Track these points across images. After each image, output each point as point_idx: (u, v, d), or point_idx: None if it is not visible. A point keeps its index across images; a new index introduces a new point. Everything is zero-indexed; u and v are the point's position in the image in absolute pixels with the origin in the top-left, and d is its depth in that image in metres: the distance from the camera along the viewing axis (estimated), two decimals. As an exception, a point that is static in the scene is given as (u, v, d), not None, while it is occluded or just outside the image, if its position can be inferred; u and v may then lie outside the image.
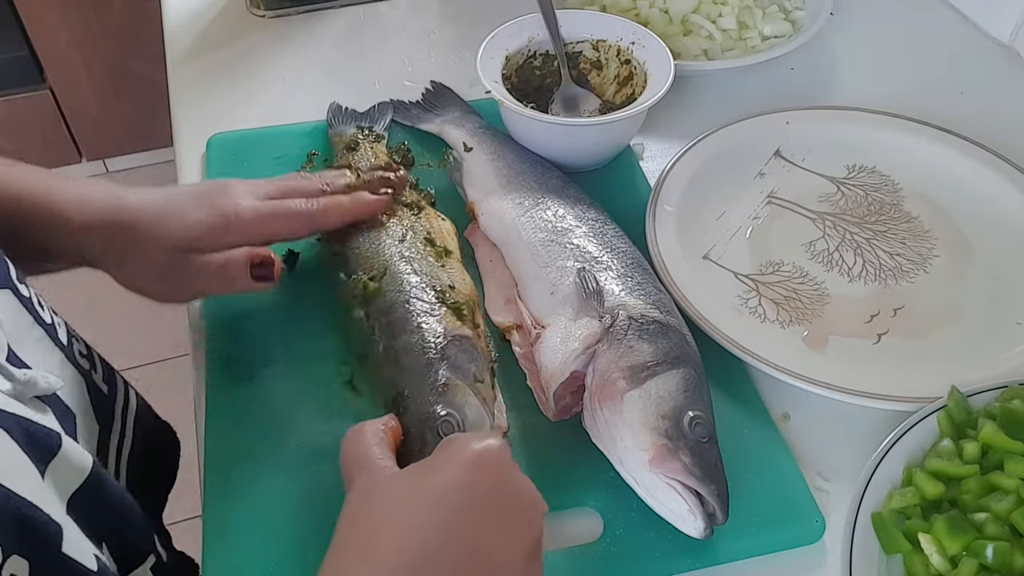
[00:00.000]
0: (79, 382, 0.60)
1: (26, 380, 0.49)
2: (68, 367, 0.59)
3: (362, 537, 0.46)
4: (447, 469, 0.47)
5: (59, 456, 0.48)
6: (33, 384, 0.50)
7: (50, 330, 0.58)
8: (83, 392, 0.60)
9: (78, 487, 0.50)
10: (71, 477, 0.49)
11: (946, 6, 1.03)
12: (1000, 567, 0.50)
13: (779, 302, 0.70)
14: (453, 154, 0.80)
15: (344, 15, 1.03)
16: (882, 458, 0.57)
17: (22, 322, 0.55)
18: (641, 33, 0.82)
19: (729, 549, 0.56)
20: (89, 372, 0.62)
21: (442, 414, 0.56)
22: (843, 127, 0.83)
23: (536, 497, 0.48)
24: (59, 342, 0.59)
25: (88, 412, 0.60)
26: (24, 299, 0.56)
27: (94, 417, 0.61)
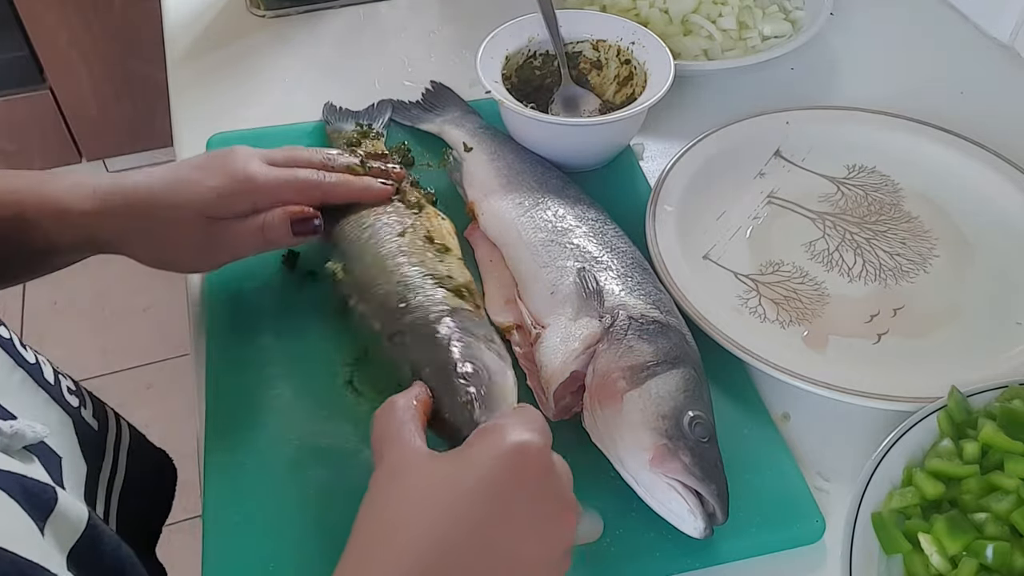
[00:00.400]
0: (66, 422, 0.58)
1: (12, 433, 0.48)
2: (54, 407, 0.57)
3: (384, 519, 0.45)
4: (481, 461, 0.46)
5: (56, 511, 0.47)
6: (21, 436, 0.49)
7: (33, 370, 0.56)
8: (71, 432, 0.58)
9: (76, 541, 0.48)
10: (69, 532, 0.48)
11: (946, 6, 1.03)
12: (1000, 567, 0.50)
13: (779, 302, 0.70)
14: (453, 154, 0.80)
15: (344, 15, 1.03)
16: (882, 458, 0.57)
17: (2, 367, 0.54)
18: (641, 33, 0.82)
19: (729, 549, 0.56)
20: (78, 410, 0.60)
21: (464, 367, 0.56)
22: (843, 127, 0.83)
23: (571, 500, 0.47)
24: (43, 382, 0.57)
25: (76, 452, 0.58)
26: (3, 340, 0.55)
27: (82, 456, 0.59)
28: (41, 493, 0.46)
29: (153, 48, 1.26)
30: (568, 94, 0.83)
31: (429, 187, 0.77)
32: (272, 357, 0.66)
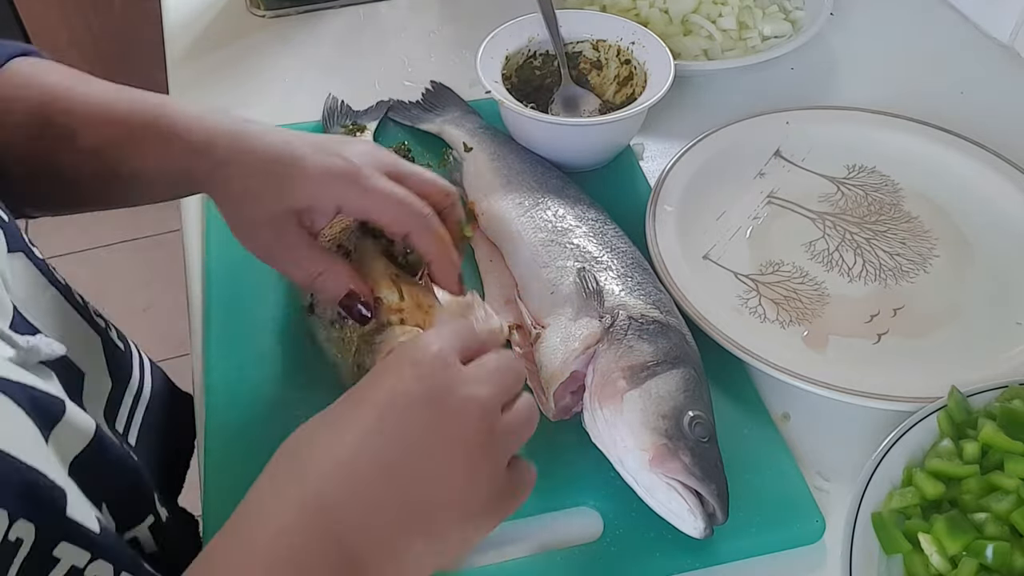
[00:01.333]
0: (94, 340, 0.62)
1: (29, 347, 0.50)
2: (84, 326, 0.61)
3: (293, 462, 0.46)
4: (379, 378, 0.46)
5: (62, 422, 0.49)
6: (36, 351, 0.51)
7: (64, 290, 0.60)
8: (99, 350, 0.62)
9: (80, 451, 0.51)
10: (74, 442, 0.51)
11: (946, 6, 1.03)
12: (1000, 567, 0.50)
13: (779, 302, 0.70)
14: (453, 154, 0.80)
15: (344, 15, 1.03)
16: (882, 458, 0.57)
17: (35, 285, 0.57)
18: (641, 33, 0.82)
19: (729, 549, 0.56)
20: (106, 330, 0.64)
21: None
22: (843, 127, 0.83)
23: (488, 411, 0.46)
24: (74, 301, 0.61)
25: (102, 370, 0.62)
26: (38, 261, 0.58)
27: (108, 374, 0.62)
28: (49, 405, 0.48)
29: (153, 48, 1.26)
30: (568, 94, 0.83)
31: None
32: (273, 357, 0.66)
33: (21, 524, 0.43)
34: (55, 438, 0.48)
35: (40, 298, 0.57)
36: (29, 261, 0.56)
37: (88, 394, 0.58)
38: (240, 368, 0.65)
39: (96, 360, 0.61)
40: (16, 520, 0.43)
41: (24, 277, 0.56)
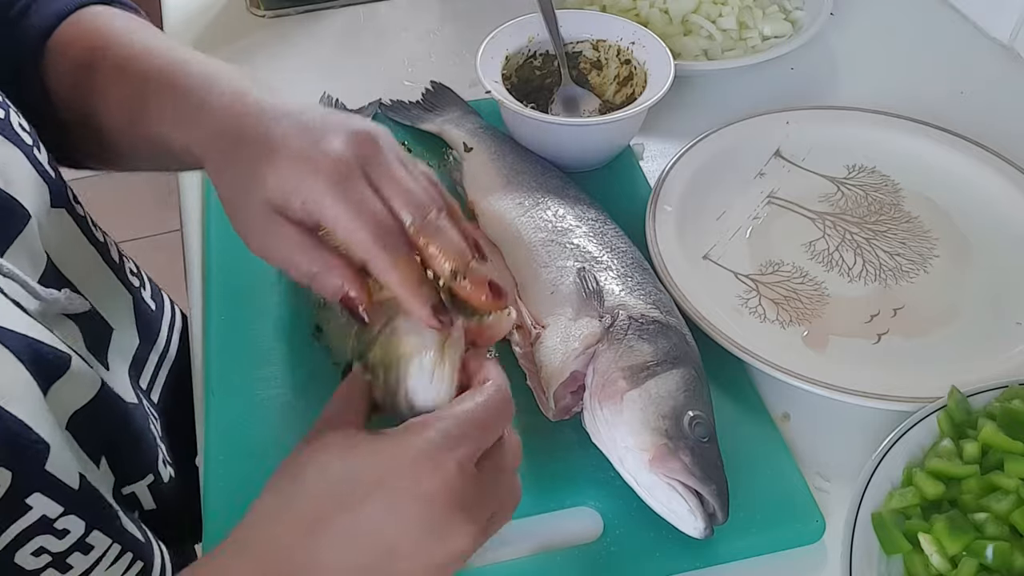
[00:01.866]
0: (126, 298, 0.64)
1: (51, 299, 0.52)
2: (116, 284, 0.64)
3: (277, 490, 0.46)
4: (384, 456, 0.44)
5: (66, 376, 0.51)
6: (57, 303, 0.53)
7: (101, 248, 0.62)
8: (129, 308, 0.64)
9: (82, 405, 0.53)
10: (76, 396, 0.52)
11: (946, 6, 1.03)
12: (1000, 567, 0.50)
13: (779, 302, 0.70)
14: (453, 154, 0.80)
15: (344, 15, 1.03)
16: (882, 458, 0.57)
17: (73, 240, 0.59)
18: (641, 33, 0.82)
19: (729, 549, 0.56)
20: (139, 289, 0.67)
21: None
22: (843, 127, 0.83)
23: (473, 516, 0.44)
24: (110, 260, 0.63)
25: (130, 327, 0.65)
26: (78, 217, 0.60)
27: (136, 332, 0.65)
28: (54, 359, 0.50)
29: (153, 48, 1.26)
30: (568, 94, 0.83)
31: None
32: (273, 357, 0.66)
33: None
34: (55, 391, 0.50)
35: (77, 252, 0.59)
36: (70, 217, 0.58)
37: (114, 348, 0.61)
38: (241, 368, 0.65)
39: (125, 317, 0.64)
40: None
41: (63, 231, 0.58)
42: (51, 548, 0.50)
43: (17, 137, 0.54)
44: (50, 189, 0.55)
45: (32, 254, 0.53)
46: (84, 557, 0.52)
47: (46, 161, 0.56)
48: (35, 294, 0.51)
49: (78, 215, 0.59)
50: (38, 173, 0.55)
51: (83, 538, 0.52)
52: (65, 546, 0.51)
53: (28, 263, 0.53)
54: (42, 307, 0.52)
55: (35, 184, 0.54)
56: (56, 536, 0.50)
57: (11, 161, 0.53)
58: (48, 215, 0.55)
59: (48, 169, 0.56)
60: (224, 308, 0.69)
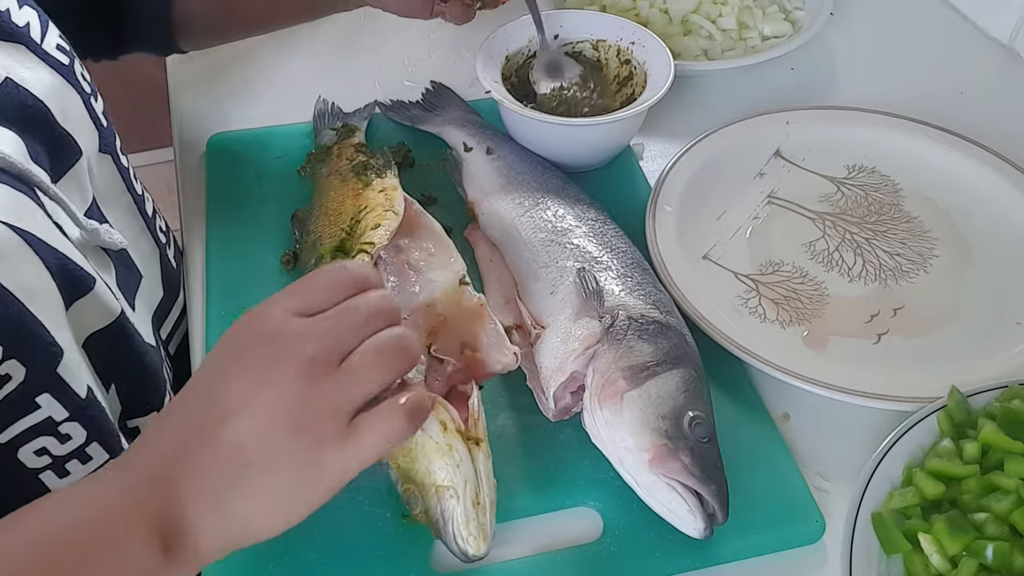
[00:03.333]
0: (153, 251, 0.69)
1: (92, 229, 0.56)
2: (146, 235, 0.68)
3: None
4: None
5: (89, 296, 0.54)
6: (96, 234, 0.57)
7: (139, 199, 0.67)
8: (156, 261, 0.69)
9: (99, 329, 0.56)
10: (94, 318, 0.56)
11: (946, 6, 1.03)
12: (1000, 567, 0.50)
13: (779, 302, 0.70)
14: (453, 154, 0.80)
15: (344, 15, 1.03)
16: (882, 458, 0.57)
17: (115, 187, 0.64)
18: (641, 33, 0.82)
19: (729, 549, 0.56)
20: (165, 246, 0.71)
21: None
22: (843, 127, 0.83)
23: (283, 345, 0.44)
24: (144, 212, 0.68)
25: (157, 279, 0.69)
26: (122, 168, 0.65)
27: (161, 284, 0.69)
28: (78, 278, 0.54)
29: (153, 48, 1.26)
30: (548, 59, 0.82)
31: (429, 187, 0.77)
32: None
33: (13, 363, 0.48)
34: (76, 309, 0.54)
35: (117, 199, 0.64)
36: (114, 165, 0.64)
37: (142, 295, 0.65)
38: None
39: (153, 268, 0.68)
40: (9, 358, 0.48)
41: (107, 177, 0.63)
42: (53, 450, 0.53)
43: (79, 84, 0.61)
44: (100, 135, 0.62)
45: (81, 188, 0.59)
46: (82, 466, 0.55)
47: (101, 111, 0.63)
48: (78, 222, 0.56)
49: (122, 165, 0.65)
50: (92, 119, 0.61)
51: (83, 447, 0.55)
52: (66, 451, 0.54)
53: (78, 195, 0.58)
54: (83, 236, 0.56)
55: (88, 127, 0.60)
56: (59, 440, 0.53)
57: (71, 103, 0.59)
58: (97, 158, 0.61)
59: (101, 118, 0.62)
60: (224, 307, 0.69)
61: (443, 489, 0.51)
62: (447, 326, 0.61)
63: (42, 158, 0.56)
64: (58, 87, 0.58)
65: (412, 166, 0.80)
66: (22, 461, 0.52)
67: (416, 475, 0.52)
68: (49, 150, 0.57)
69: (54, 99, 0.57)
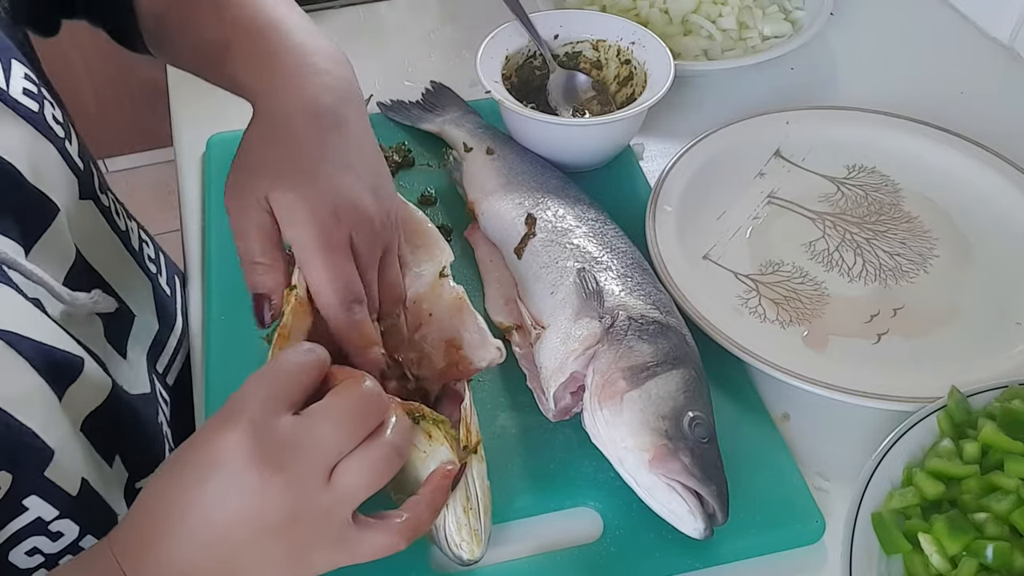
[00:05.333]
0: (145, 285, 0.67)
1: (77, 304, 0.54)
2: (136, 272, 0.66)
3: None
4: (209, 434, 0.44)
5: (79, 381, 0.52)
6: (83, 308, 0.55)
7: (124, 236, 0.65)
8: (149, 294, 0.67)
9: (96, 407, 0.54)
10: (89, 399, 0.54)
11: (946, 6, 1.03)
12: (1000, 567, 0.50)
13: (779, 302, 0.70)
14: (453, 154, 0.80)
15: (344, 15, 1.03)
16: (882, 458, 0.57)
17: (99, 230, 0.61)
18: (641, 33, 0.82)
19: (729, 549, 0.56)
20: (156, 276, 0.69)
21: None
22: (843, 127, 0.83)
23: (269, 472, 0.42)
24: (131, 248, 0.66)
25: (151, 312, 0.67)
26: (103, 208, 0.62)
27: (156, 317, 0.68)
28: (67, 366, 0.51)
29: (153, 48, 1.26)
30: (559, 81, 0.83)
31: (429, 187, 0.77)
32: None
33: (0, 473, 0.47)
34: (70, 396, 0.51)
35: (102, 243, 0.61)
36: (96, 208, 0.61)
37: (135, 335, 0.63)
38: (241, 368, 0.65)
39: (146, 303, 0.66)
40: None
41: (89, 223, 0.60)
42: (44, 549, 0.51)
43: (51, 131, 0.55)
44: (79, 181, 0.57)
45: (61, 248, 0.55)
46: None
47: (76, 152, 0.58)
48: (60, 298, 0.52)
49: (103, 206, 0.61)
50: (68, 166, 0.56)
51: (76, 541, 0.53)
52: (58, 548, 0.52)
53: (57, 258, 0.54)
54: (67, 310, 0.53)
55: (65, 177, 0.56)
56: (50, 538, 0.51)
57: (43, 156, 0.54)
58: (77, 207, 0.57)
59: (78, 161, 0.58)
60: (224, 307, 0.69)
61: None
62: (432, 323, 0.60)
63: (11, 228, 0.51)
64: (28, 140, 0.53)
65: (412, 166, 0.80)
66: (13, 563, 0.50)
67: (406, 486, 0.51)
68: (19, 216, 0.52)
69: (23, 156, 0.52)
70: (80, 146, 0.59)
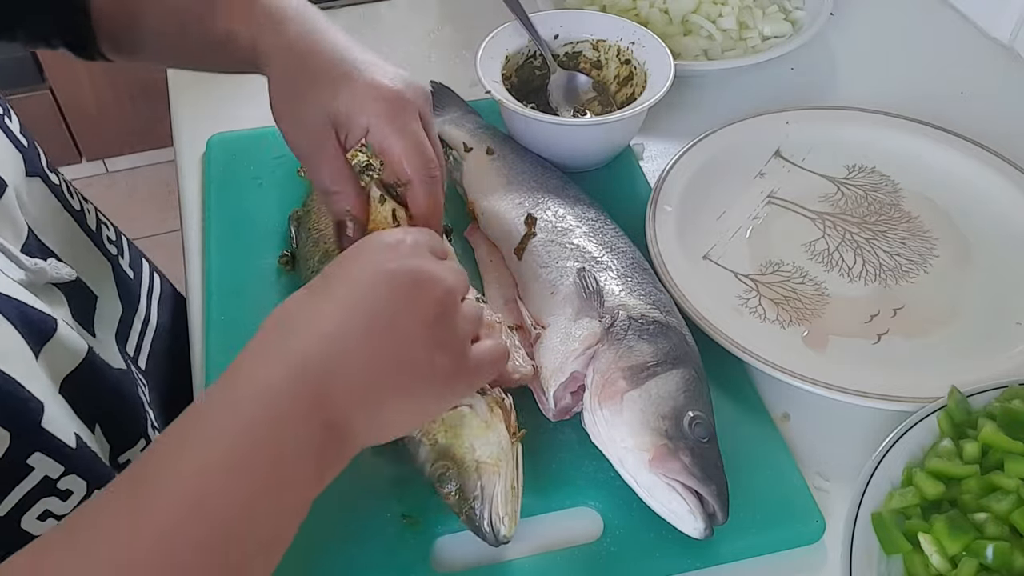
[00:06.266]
0: (104, 265, 0.66)
1: (36, 269, 0.53)
2: (94, 251, 0.65)
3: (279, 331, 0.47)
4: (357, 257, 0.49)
5: (53, 340, 0.52)
6: (43, 273, 0.54)
7: (78, 216, 0.63)
8: (109, 276, 0.66)
9: (71, 370, 0.53)
10: (65, 361, 0.53)
11: (946, 6, 1.03)
12: (1000, 567, 0.50)
13: (779, 302, 0.70)
14: (453, 154, 0.80)
15: (344, 15, 1.03)
16: (882, 458, 0.57)
17: (50, 208, 0.60)
18: (641, 33, 0.82)
19: (729, 549, 0.56)
20: (116, 257, 0.68)
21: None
22: (843, 127, 0.83)
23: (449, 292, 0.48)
24: (87, 228, 0.64)
25: (113, 294, 0.65)
26: (53, 186, 0.61)
27: (119, 299, 0.66)
28: (40, 323, 0.51)
29: (153, 48, 1.26)
30: (560, 82, 0.83)
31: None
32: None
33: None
34: (45, 355, 0.51)
35: (55, 222, 0.60)
36: (45, 185, 0.59)
37: (100, 316, 0.62)
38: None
39: (107, 285, 0.65)
40: None
41: (40, 200, 0.59)
42: (56, 511, 0.50)
43: None
44: (24, 158, 0.57)
45: (13, 223, 0.55)
46: None
47: (18, 129, 0.58)
48: (19, 263, 0.52)
49: (53, 183, 0.60)
50: (11, 142, 0.56)
51: (86, 499, 0.52)
52: (70, 508, 0.51)
53: (11, 232, 0.54)
54: (28, 277, 0.53)
55: (10, 154, 0.56)
56: (60, 498, 0.50)
57: None
58: (25, 184, 0.57)
59: (20, 138, 0.58)
60: (224, 308, 0.69)
61: (486, 466, 0.52)
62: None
63: None
64: None
65: (412, 166, 0.80)
66: (27, 531, 0.49)
67: (458, 451, 0.52)
68: None
69: None
70: (21, 125, 0.59)
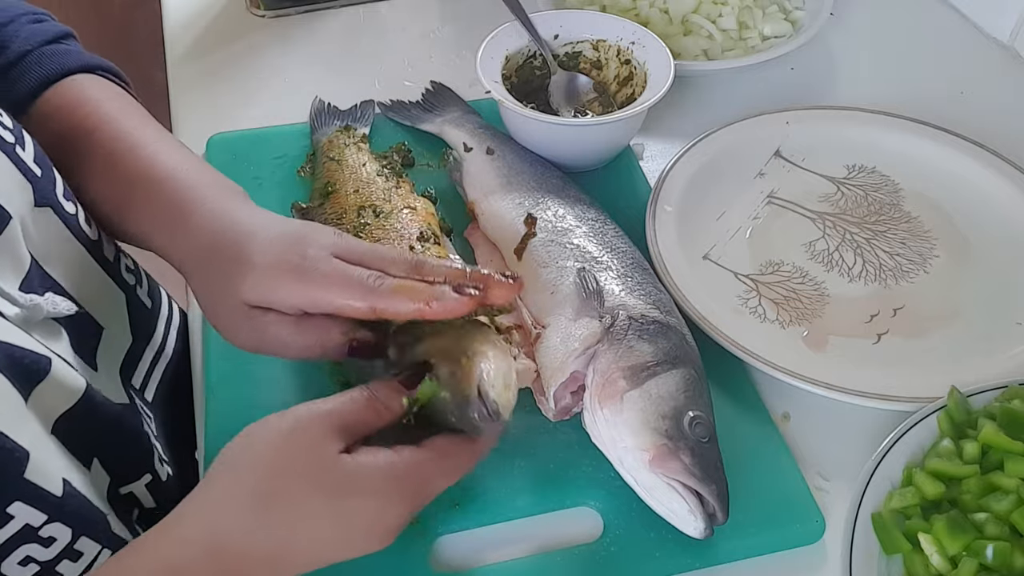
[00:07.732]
0: (118, 297, 0.64)
1: (31, 305, 0.52)
2: (108, 282, 0.63)
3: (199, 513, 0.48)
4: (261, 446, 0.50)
5: (46, 381, 0.50)
6: (38, 309, 0.52)
7: (92, 245, 0.61)
8: (122, 306, 0.64)
9: (67, 409, 0.52)
10: (59, 400, 0.52)
11: (946, 6, 1.03)
12: (1000, 567, 0.50)
13: (779, 302, 0.70)
14: (453, 154, 0.80)
15: (344, 15, 1.03)
16: (882, 458, 0.57)
17: (60, 239, 0.58)
18: (641, 33, 0.82)
19: (729, 549, 0.56)
20: (133, 287, 0.66)
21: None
22: (843, 127, 0.83)
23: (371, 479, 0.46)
24: (101, 258, 0.62)
25: (123, 326, 0.64)
26: (67, 216, 0.58)
27: (129, 330, 0.65)
28: (31, 364, 0.49)
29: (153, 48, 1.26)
30: (561, 82, 0.83)
31: (429, 187, 0.77)
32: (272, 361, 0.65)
33: None
34: (37, 396, 0.50)
35: (62, 252, 0.58)
36: (56, 215, 0.57)
37: (104, 349, 0.60)
38: (241, 368, 0.65)
39: (118, 316, 0.63)
40: None
41: (49, 231, 0.57)
42: (38, 557, 0.50)
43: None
44: (34, 188, 0.55)
45: (14, 257, 0.53)
46: (73, 564, 0.52)
47: (32, 158, 0.56)
48: (13, 300, 0.51)
49: (67, 213, 0.58)
50: (21, 172, 0.54)
51: (71, 545, 0.51)
52: (52, 554, 0.50)
53: (10, 266, 0.53)
54: (23, 313, 0.51)
55: (17, 184, 0.54)
56: (42, 544, 0.50)
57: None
58: (32, 215, 0.55)
59: (33, 167, 0.55)
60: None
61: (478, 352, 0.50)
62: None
63: None
64: None
65: (412, 166, 0.80)
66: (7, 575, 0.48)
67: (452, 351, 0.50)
68: None
69: None
70: (36, 153, 0.57)
